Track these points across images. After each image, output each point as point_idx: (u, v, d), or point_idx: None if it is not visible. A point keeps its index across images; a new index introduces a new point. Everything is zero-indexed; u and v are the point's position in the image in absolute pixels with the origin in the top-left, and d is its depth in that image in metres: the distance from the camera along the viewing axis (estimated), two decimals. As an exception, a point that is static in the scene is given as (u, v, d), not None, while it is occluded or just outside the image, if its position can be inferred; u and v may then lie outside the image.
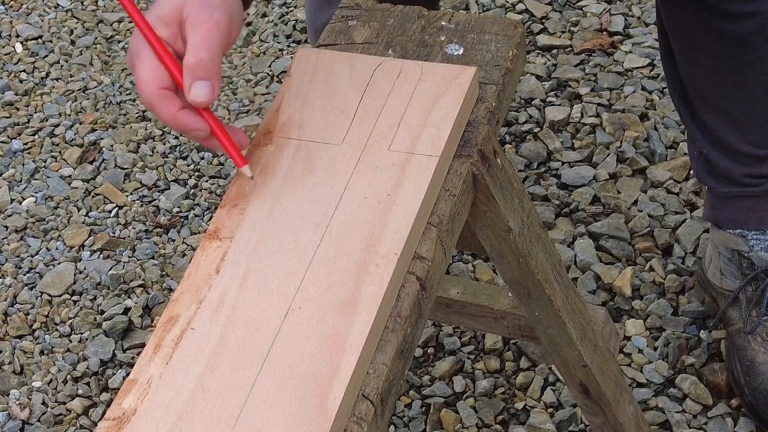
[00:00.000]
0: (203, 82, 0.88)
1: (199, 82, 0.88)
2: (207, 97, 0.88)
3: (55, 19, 2.43)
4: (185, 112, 0.89)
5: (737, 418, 1.56)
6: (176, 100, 0.89)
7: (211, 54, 0.89)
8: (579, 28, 2.18)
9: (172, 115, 0.89)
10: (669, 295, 1.71)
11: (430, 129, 0.95)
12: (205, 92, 0.88)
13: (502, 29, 1.07)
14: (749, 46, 1.40)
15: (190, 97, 0.88)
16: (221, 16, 0.90)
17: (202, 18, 0.90)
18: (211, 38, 0.89)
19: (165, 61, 0.89)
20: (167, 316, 0.86)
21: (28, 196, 2.05)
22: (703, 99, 1.50)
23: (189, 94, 0.88)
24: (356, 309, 0.83)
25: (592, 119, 1.99)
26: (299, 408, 0.78)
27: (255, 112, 2.15)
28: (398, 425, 1.61)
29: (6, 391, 1.73)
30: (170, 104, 0.89)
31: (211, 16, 0.90)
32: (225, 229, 0.91)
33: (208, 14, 0.90)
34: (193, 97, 0.88)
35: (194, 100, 0.88)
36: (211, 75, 0.88)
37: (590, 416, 1.29)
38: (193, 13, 0.90)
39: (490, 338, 1.69)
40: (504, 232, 1.03)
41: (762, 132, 1.49)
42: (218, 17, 0.90)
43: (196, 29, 0.89)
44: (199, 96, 0.88)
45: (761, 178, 1.52)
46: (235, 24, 0.92)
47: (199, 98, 0.88)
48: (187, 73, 0.88)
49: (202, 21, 0.89)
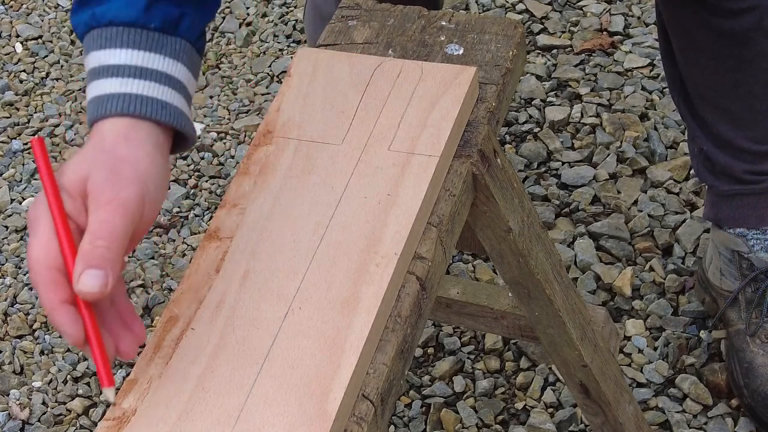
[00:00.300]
0: (96, 271, 0.77)
1: (92, 271, 0.77)
2: (96, 289, 0.77)
3: (55, 19, 2.43)
4: (65, 307, 0.78)
5: (737, 418, 1.56)
6: (62, 289, 0.78)
7: (110, 241, 0.78)
8: (579, 28, 2.18)
9: (51, 304, 0.77)
10: (669, 295, 1.71)
11: (430, 129, 0.95)
12: (94, 283, 0.77)
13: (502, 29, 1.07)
14: (748, 43, 1.40)
15: (77, 287, 0.77)
16: (130, 194, 0.80)
17: (107, 196, 0.80)
18: (114, 222, 0.79)
19: (61, 238, 0.79)
20: (167, 316, 0.86)
21: (28, 196, 2.05)
22: (703, 97, 1.50)
23: (77, 283, 0.77)
24: (356, 309, 0.83)
25: (592, 119, 1.99)
26: (299, 408, 0.78)
27: (255, 112, 2.15)
28: (398, 425, 1.61)
29: (6, 391, 1.73)
30: (54, 291, 0.78)
31: (117, 194, 0.80)
32: (225, 229, 0.91)
33: (115, 191, 0.80)
34: (81, 287, 0.77)
35: (81, 290, 0.77)
36: (106, 265, 0.77)
37: (590, 416, 1.29)
38: (97, 189, 0.80)
39: (490, 338, 1.69)
40: (504, 232, 1.03)
41: (762, 128, 1.49)
42: (125, 196, 0.80)
43: (99, 209, 0.79)
44: (87, 287, 0.77)
45: (762, 175, 1.52)
46: (150, 200, 0.82)
47: (86, 288, 0.77)
48: (79, 259, 0.78)
49: (107, 200, 0.79)
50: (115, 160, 0.82)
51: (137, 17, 0.86)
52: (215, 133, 2.11)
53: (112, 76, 0.86)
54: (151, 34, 0.87)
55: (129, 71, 0.86)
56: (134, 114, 0.85)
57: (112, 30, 0.87)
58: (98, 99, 0.86)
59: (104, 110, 0.85)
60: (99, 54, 0.87)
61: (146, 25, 0.87)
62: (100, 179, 0.81)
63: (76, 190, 0.81)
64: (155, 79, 0.86)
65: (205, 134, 2.11)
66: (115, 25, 0.87)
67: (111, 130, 0.84)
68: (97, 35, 0.87)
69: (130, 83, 0.86)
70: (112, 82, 0.86)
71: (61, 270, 0.79)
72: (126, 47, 0.86)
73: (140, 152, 0.83)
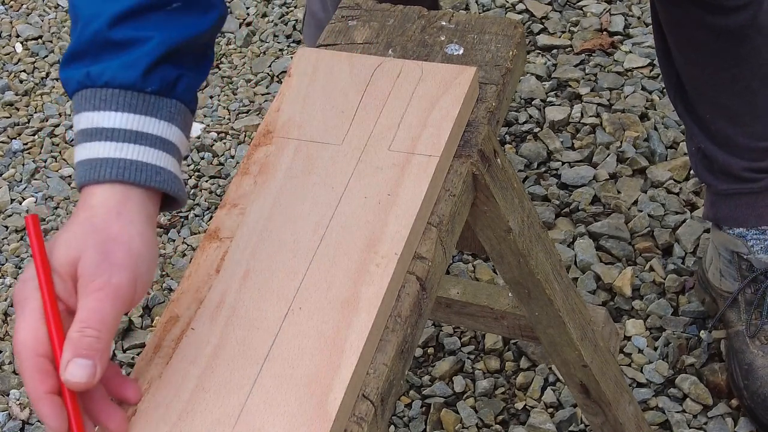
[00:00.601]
0: (84, 361, 0.75)
1: (80, 360, 0.75)
2: (84, 379, 0.75)
3: (55, 19, 2.43)
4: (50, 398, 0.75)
5: (737, 418, 1.56)
6: (48, 378, 0.76)
7: (100, 330, 0.76)
8: (579, 28, 2.18)
9: (36, 395, 0.75)
10: (669, 295, 1.71)
11: (430, 129, 0.95)
12: (83, 373, 0.75)
13: (502, 29, 1.07)
14: (743, 39, 1.41)
15: (65, 376, 0.75)
16: (122, 279, 0.78)
17: (98, 282, 0.77)
18: (104, 310, 0.77)
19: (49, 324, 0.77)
20: (167, 316, 0.86)
21: (28, 196, 2.05)
22: (700, 94, 1.50)
23: (64, 372, 0.75)
24: (356, 309, 0.83)
25: (592, 119, 1.99)
26: (299, 408, 0.78)
27: (255, 112, 2.15)
28: (398, 425, 1.61)
29: (6, 391, 1.73)
30: (40, 381, 0.75)
31: (108, 280, 0.77)
32: (225, 229, 0.91)
33: (106, 277, 0.77)
34: (68, 376, 0.75)
35: (68, 379, 0.75)
36: (95, 355, 0.75)
37: (590, 416, 1.28)
38: (88, 273, 0.78)
39: (490, 338, 1.69)
40: (504, 232, 1.03)
41: (760, 124, 1.49)
42: (117, 281, 0.78)
43: (89, 295, 0.77)
44: (75, 377, 0.75)
45: (760, 172, 1.52)
46: (141, 284, 0.80)
47: (74, 378, 0.75)
48: (68, 346, 0.75)
49: (98, 286, 0.77)
50: (107, 240, 0.79)
51: (135, 80, 0.83)
52: (215, 133, 2.11)
53: (106, 139, 0.83)
54: (147, 97, 0.84)
55: (124, 136, 0.83)
56: (128, 181, 0.82)
57: (107, 92, 0.83)
58: (90, 162, 0.83)
59: (97, 175, 0.82)
60: (92, 115, 0.84)
61: (143, 89, 0.84)
62: (91, 263, 0.78)
63: (67, 272, 0.79)
64: (150, 143, 0.84)
65: (205, 134, 2.11)
66: (111, 86, 0.83)
67: (103, 203, 0.81)
68: (91, 95, 0.84)
69: (125, 148, 0.83)
70: (105, 146, 0.83)
71: (49, 357, 0.77)
72: (121, 111, 0.83)
73: (133, 231, 0.81)
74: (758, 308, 1.55)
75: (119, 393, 0.80)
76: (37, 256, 0.79)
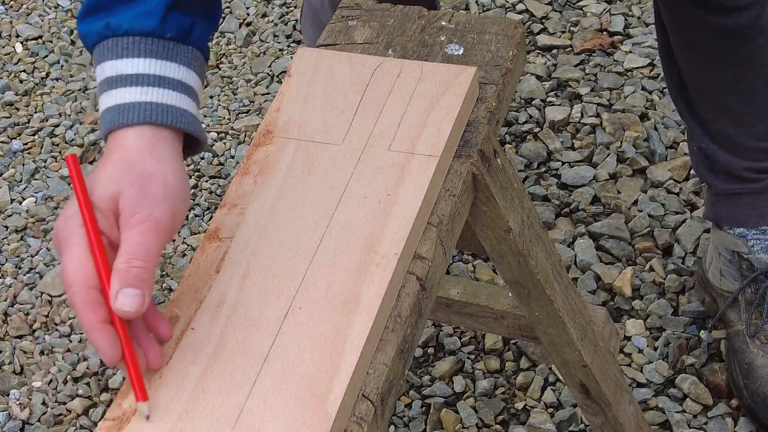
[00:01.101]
0: (133, 290, 0.79)
1: (128, 290, 0.79)
2: (134, 308, 0.79)
3: (55, 19, 2.43)
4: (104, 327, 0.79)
5: (737, 418, 1.56)
6: (100, 308, 0.80)
7: (146, 260, 0.80)
8: (579, 28, 2.18)
9: (90, 325, 0.79)
10: (669, 295, 1.71)
11: (430, 129, 0.95)
12: (132, 302, 0.79)
13: (502, 29, 1.07)
14: (746, 39, 1.41)
15: (115, 306, 0.79)
16: (162, 213, 0.82)
17: (140, 216, 0.81)
18: (148, 241, 0.81)
19: (96, 257, 0.80)
20: (167, 316, 0.86)
21: (28, 196, 2.05)
22: (702, 93, 1.50)
23: (114, 302, 0.79)
24: (356, 309, 0.83)
25: (592, 119, 1.99)
26: (299, 408, 0.78)
27: (255, 112, 2.15)
28: (398, 425, 1.61)
29: (6, 391, 1.73)
30: (93, 311, 0.79)
31: (150, 214, 0.81)
32: (225, 229, 0.91)
33: (147, 210, 0.81)
34: (119, 305, 0.79)
35: (118, 308, 0.79)
36: (143, 284, 0.79)
37: (590, 416, 1.29)
38: (130, 208, 0.82)
39: (490, 338, 1.69)
40: (504, 232, 1.03)
41: (762, 124, 1.49)
42: (158, 215, 0.82)
43: (133, 228, 0.81)
44: (125, 305, 0.79)
45: (762, 173, 1.52)
46: (178, 216, 0.84)
47: (124, 307, 0.79)
48: (116, 277, 0.79)
49: (140, 219, 0.81)
50: (144, 176, 0.83)
51: (154, 27, 0.88)
52: (215, 133, 2.11)
53: (132, 85, 0.87)
54: (167, 43, 0.88)
55: (148, 80, 0.87)
56: (156, 122, 0.86)
57: (128, 40, 0.88)
58: (117, 108, 0.87)
59: (126, 119, 0.86)
60: (115, 63, 0.88)
61: (162, 35, 0.88)
62: (131, 198, 0.82)
63: (108, 207, 0.82)
64: (172, 87, 0.88)
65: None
66: (132, 34, 0.88)
67: (135, 143, 0.85)
68: (113, 44, 0.88)
69: (151, 92, 0.87)
70: (131, 91, 0.87)
71: (98, 289, 0.80)
72: (144, 57, 0.87)
73: (166, 167, 0.84)
74: (758, 308, 1.55)
75: (153, 329, 0.83)
76: (80, 193, 0.82)
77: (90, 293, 0.79)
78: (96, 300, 0.79)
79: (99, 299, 0.80)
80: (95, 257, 0.80)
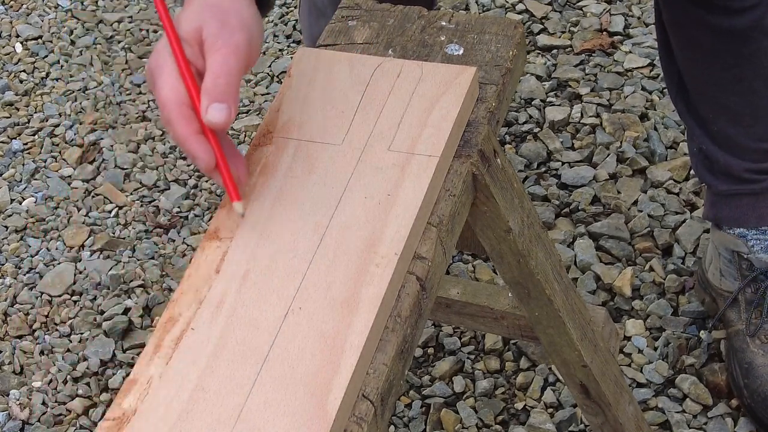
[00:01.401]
0: (220, 104, 0.88)
1: (217, 104, 0.88)
2: (223, 119, 0.88)
3: (55, 19, 2.43)
4: (198, 136, 0.89)
5: (737, 418, 1.56)
6: (192, 122, 0.89)
7: (229, 78, 0.89)
8: (579, 28, 2.19)
9: (186, 134, 0.88)
10: (669, 295, 1.71)
11: (430, 129, 0.95)
12: (221, 115, 0.88)
13: (502, 29, 1.07)
14: (747, 40, 1.40)
15: (207, 118, 0.88)
16: (240, 40, 0.90)
17: (221, 42, 0.90)
18: (230, 63, 0.89)
19: (186, 80, 0.90)
20: (167, 316, 0.85)
21: (28, 196, 2.05)
22: (702, 93, 1.50)
23: (206, 115, 0.88)
24: (356, 309, 0.83)
25: (592, 119, 1.99)
26: (299, 408, 0.78)
27: (255, 112, 2.15)
28: (398, 425, 1.61)
29: (6, 391, 1.73)
30: (188, 124, 0.88)
31: (230, 40, 0.90)
32: (225, 229, 0.91)
33: (227, 37, 0.90)
34: (210, 118, 0.88)
35: (210, 121, 0.88)
36: (228, 99, 0.88)
37: (590, 416, 1.28)
38: (212, 36, 0.91)
39: (490, 338, 1.69)
40: (504, 232, 1.03)
41: (763, 125, 1.49)
42: (237, 41, 0.90)
43: (215, 53, 0.90)
44: (215, 117, 0.88)
45: (762, 173, 1.52)
46: (254, 45, 0.92)
47: (214, 119, 0.88)
48: (205, 95, 0.88)
49: (222, 45, 0.90)
50: (222, 12, 0.92)
51: None
52: (215, 133, 2.11)
53: None
54: None
55: None
56: None
57: None
58: None
59: None
60: None
61: None
62: (213, 29, 0.90)
63: (193, 38, 0.91)
64: None
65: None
66: None
67: None
68: None
69: None
70: None
71: (190, 106, 0.89)
72: None
73: (242, 4, 0.93)
74: (758, 307, 1.55)
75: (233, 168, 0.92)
76: (168, 28, 0.92)
77: (182, 109, 0.88)
78: (188, 115, 0.88)
79: (191, 114, 0.88)
80: (185, 79, 0.89)
